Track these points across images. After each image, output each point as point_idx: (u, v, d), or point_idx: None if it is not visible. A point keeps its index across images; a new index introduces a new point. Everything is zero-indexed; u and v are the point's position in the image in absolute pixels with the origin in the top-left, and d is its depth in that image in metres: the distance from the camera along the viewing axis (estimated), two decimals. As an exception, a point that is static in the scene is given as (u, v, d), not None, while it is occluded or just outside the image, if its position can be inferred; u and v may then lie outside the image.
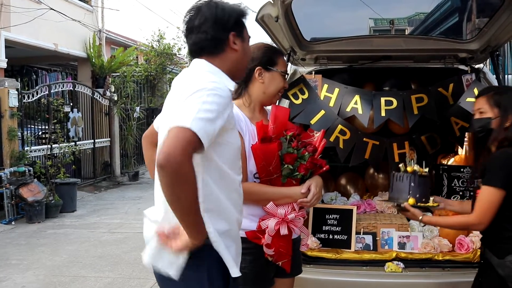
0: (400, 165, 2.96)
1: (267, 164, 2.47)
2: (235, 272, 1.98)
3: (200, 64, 2.02)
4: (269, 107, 2.75)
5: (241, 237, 2.43)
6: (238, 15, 2.03)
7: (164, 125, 1.95)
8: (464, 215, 2.72)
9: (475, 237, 3.36)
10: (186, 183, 1.74)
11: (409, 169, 2.92)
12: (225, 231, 1.98)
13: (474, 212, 2.56)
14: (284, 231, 2.45)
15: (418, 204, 2.80)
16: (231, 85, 2.00)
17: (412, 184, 2.84)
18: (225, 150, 1.96)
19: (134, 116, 13.80)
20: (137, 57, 16.92)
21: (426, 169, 2.93)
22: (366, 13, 4.30)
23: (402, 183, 2.88)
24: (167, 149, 1.69)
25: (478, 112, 2.67)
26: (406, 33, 5.20)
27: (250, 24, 2.21)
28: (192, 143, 1.74)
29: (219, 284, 1.97)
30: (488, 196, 2.49)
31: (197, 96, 1.80)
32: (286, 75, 2.69)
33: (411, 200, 2.80)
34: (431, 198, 2.86)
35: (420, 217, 2.77)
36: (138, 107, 13.99)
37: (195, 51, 2.04)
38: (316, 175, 2.61)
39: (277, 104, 2.78)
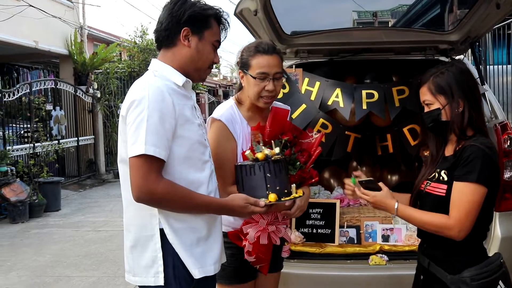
0: (247, 153, 2.28)
1: None
2: (195, 273, 1.99)
3: (150, 66, 2.12)
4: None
5: (224, 232, 2.42)
6: (196, 12, 2.04)
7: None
8: (443, 215, 2.13)
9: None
10: (170, 201, 1.90)
11: (259, 155, 2.23)
12: (183, 228, 1.98)
13: (453, 215, 2.08)
14: (263, 240, 2.43)
15: (282, 198, 2.20)
16: (179, 80, 2.05)
17: (268, 174, 2.19)
18: (177, 147, 1.96)
19: (118, 113, 13.67)
20: (120, 53, 16.77)
21: (277, 149, 2.31)
22: (350, 6, 4.29)
23: (254, 177, 2.20)
24: (134, 185, 1.87)
25: (425, 104, 2.26)
26: (390, 25, 5.19)
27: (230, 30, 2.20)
28: (153, 166, 1.87)
29: (184, 282, 1.98)
30: (466, 193, 2.06)
31: (135, 115, 1.89)
32: (267, 77, 2.48)
33: (272, 196, 2.16)
34: (293, 186, 2.29)
35: (396, 206, 2.20)
36: (122, 104, 13.86)
37: (156, 42, 2.14)
38: (305, 186, 2.57)
39: (271, 105, 2.68)
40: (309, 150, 2.62)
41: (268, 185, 2.18)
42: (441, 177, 2.20)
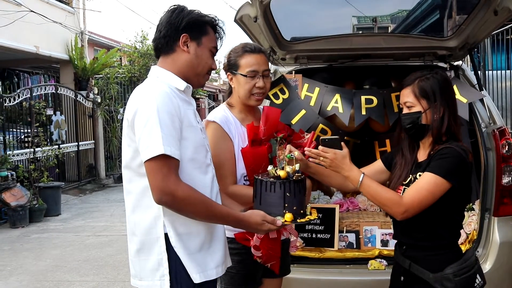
0: (270, 168, 2.24)
1: (257, 167, 2.48)
2: (196, 278, 1.99)
3: (151, 73, 2.14)
4: (261, 107, 2.75)
5: (230, 238, 2.43)
6: (194, 19, 2.10)
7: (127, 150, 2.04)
8: (397, 193, 2.23)
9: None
10: (190, 204, 1.89)
11: (281, 173, 2.19)
12: (186, 233, 2.00)
13: (408, 195, 2.16)
14: (273, 234, 2.44)
15: (298, 220, 2.17)
16: (181, 85, 2.09)
17: (288, 194, 2.16)
18: (183, 148, 1.97)
19: (118, 117, 13.71)
20: (120, 59, 16.80)
21: (297, 165, 2.25)
22: (349, 11, 4.30)
23: (274, 194, 2.16)
24: (155, 188, 1.86)
25: (405, 106, 2.30)
26: (389, 31, 5.21)
27: (226, 37, 2.26)
28: (171, 167, 1.87)
29: (185, 286, 1.99)
30: (430, 183, 2.13)
31: (145, 118, 1.89)
32: (257, 74, 2.57)
33: (288, 216, 2.14)
34: (308, 206, 2.29)
35: (361, 178, 2.22)
36: (122, 109, 13.88)
37: (154, 50, 2.18)
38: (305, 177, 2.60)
39: (261, 103, 2.75)
40: (303, 147, 2.65)
41: (286, 204, 2.16)
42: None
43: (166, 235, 1.97)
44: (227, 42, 2.35)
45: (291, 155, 2.30)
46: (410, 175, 2.30)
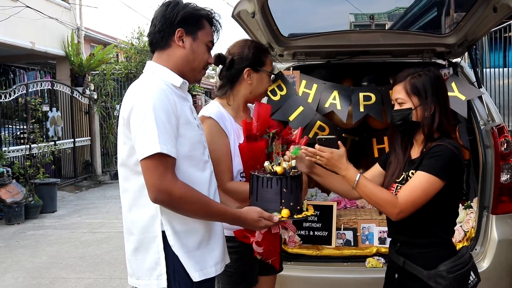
0: (266, 164, 2.24)
1: (255, 163, 2.46)
2: (195, 276, 1.97)
3: (146, 69, 2.12)
4: (251, 104, 2.73)
5: (228, 236, 2.41)
6: (189, 13, 2.07)
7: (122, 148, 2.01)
8: (392, 193, 2.24)
9: (456, 230, 3.37)
10: (186, 202, 1.87)
11: (278, 169, 2.19)
12: (184, 231, 1.97)
13: (403, 195, 2.16)
14: (275, 229, 2.40)
15: (295, 216, 2.17)
16: (177, 81, 2.06)
17: (285, 190, 2.16)
18: (180, 146, 1.94)
19: (115, 114, 13.66)
20: (117, 55, 16.75)
21: (293, 162, 2.24)
22: (347, 8, 4.28)
23: (270, 190, 2.16)
24: (151, 186, 1.83)
25: (397, 102, 2.30)
26: (386, 28, 5.19)
27: (223, 30, 2.23)
28: (168, 165, 1.85)
29: (184, 285, 1.97)
30: (423, 182, 2.13)
31: (141, 116, 1.87)
32: (272, 75, 2.60)
33: (285, 212, 2.14)
34: (304, 202, 2.27)
35: (357, 177, 2.21)
36: (119, 105, 13.83)
37: (149, 45, 2.15)
38: (301, 173, 2.59)
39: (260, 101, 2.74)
40: (294, 141, 2.64)
41: (283, 200, 2.16)
42: (409, 178, 2.26)
43: (163, 233, 1.94)
44: (223, 37, 2.32)
45: (298, 147, 2.30)
46: (403, 173, 2.31)
